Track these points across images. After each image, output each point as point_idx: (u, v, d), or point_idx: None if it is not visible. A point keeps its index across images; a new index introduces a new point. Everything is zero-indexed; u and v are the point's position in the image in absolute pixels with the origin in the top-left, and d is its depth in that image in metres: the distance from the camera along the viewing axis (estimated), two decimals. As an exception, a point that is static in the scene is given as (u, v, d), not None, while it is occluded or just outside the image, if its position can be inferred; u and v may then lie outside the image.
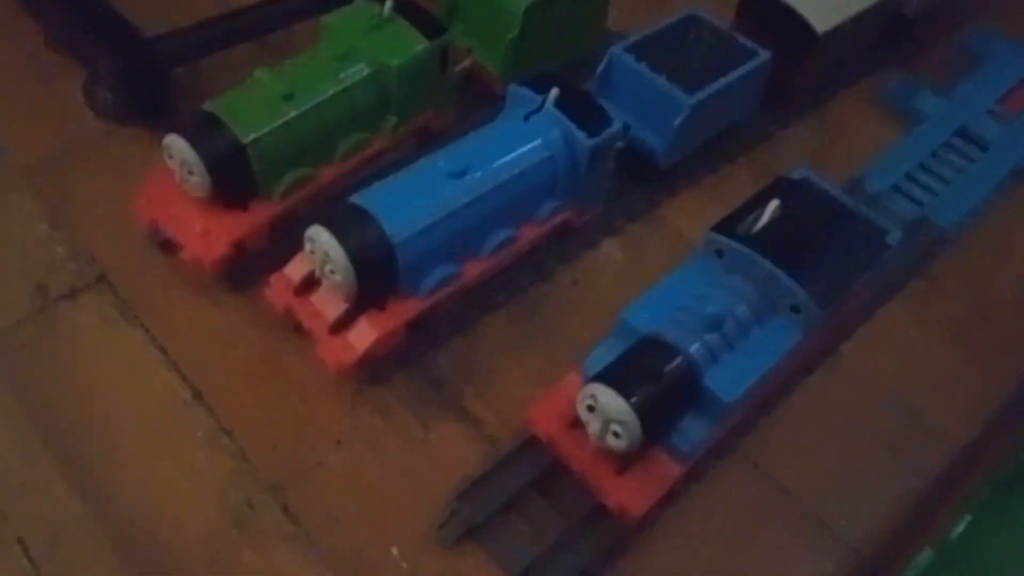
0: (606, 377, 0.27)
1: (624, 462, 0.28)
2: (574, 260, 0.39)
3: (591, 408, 0.27)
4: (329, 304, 0.31)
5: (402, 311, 0.31)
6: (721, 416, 0.28)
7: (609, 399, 0.26)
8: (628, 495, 0.28)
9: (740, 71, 0.38)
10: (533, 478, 0.30)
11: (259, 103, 0.33)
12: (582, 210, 0.37)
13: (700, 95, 0.36)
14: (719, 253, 0.30)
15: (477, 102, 0.42)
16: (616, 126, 0.33)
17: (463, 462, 0.31)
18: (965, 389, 0.36)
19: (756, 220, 0.31)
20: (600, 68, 0.38)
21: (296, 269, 0.32)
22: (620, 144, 0.35)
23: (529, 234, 0.34)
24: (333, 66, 0.35)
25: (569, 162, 0.33)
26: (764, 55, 0.39)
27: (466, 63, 0.42)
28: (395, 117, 0.37)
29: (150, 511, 0.30)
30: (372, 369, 0.33)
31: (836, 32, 0.42)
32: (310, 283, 0.31)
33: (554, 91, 0.33)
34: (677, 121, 0.36)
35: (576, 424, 0.28)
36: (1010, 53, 0.49)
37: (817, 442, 0.34)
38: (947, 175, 0.43)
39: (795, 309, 0.29)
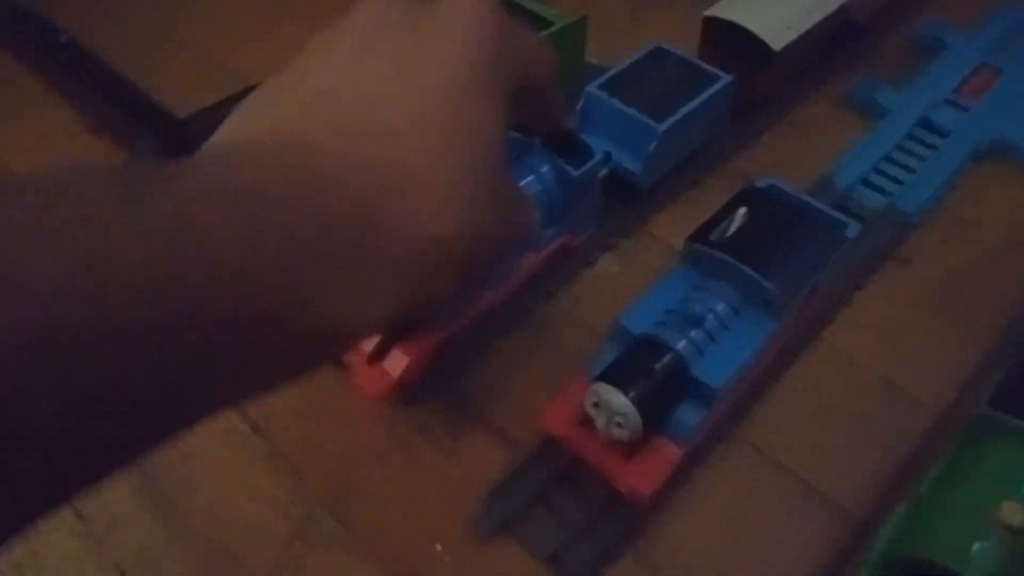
0: (606, 376, 0.31)
1: (631, 450, 0.32)
2: (575, 279, 0.43)
3: (596, 405, 0.31)
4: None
5: (429, 339, 0.35)
6: (711, 402, 0.32)
7: (610, 395, 0.30)
8: (637, 478, 0.31)
9: (704, 96, 0.42)
10: (554, 473, 0.34)
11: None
12: (578, 232, 0.40)
13: (669, 121, 0.41)
14: (697, 259, 0.35)
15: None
16: (598, 156, 0.37)
17: (491, 466, 0.35)
18: (939, 358, 0.39)
19: (727, 227, 0.35)
20: (579, 105, 0.43)
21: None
22: (604, 171, 0.39)
23: (533, 259, 0.38)
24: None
25: (560, 193, 0.37)
26: (726, 79, 0.43)
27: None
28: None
29: (224, 530, 0.34)
30: (405, 393, 0.37)
31: (791, 47, 0.46)
32: None
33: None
34: (651, 147, 0.41)
35: (586, 421, 0.32)
36: (961, 43, 0.53)
37: (807, 420, 0.37)
38: (911, 164, 0.47)
39: (766, 301, 0.33)
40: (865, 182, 0.46)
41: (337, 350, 0.22)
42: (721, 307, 0.33)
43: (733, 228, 0.35)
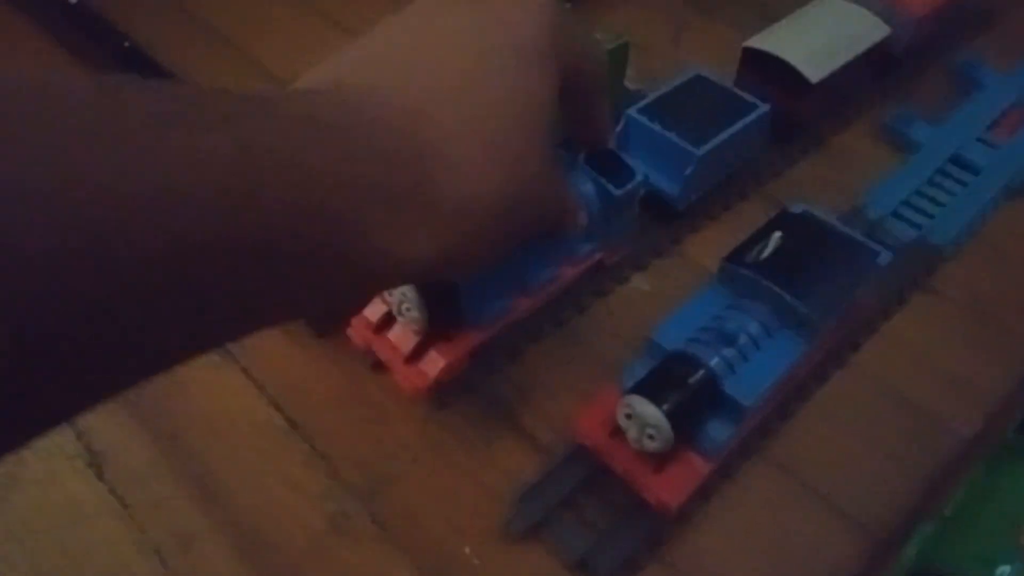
0: (640, 388, 0.32)
1: (660, 462, 0.33)
2: (608, 294, 0.44)
3: (629, 416, 0.32)
4: (404, 339, 0.36)
5: (465, 342, 0.36)
6: (741, 419, 0.33)
7: (643, 407, 0.31)
8: (665, 490, 0.32)
9: (741, 123, 0.43)
10: (583, 480, 0.35)
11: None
12: (614, 250, 0.42)
13: (706, 147, 0.42)
14: (732, 279, 0.36)
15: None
16: (638, 177, 0.38)
17: (522, 470, 0.36)
18: (969, 385, 0.40)
19: (762, 249, 0.36)
20: (619, 128, 0.44)
21: (374, 311, 0.37)
22: (642, 191, 0.40)
23: (569, 272, 0.39)
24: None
25: (601, 210, 0.38)
26: (763, 108, 0.44)
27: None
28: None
29: (263, 521, 0.35)
30: (441, 396, 0.39)
31: (829, 79, 0.47)
32: (386, 322, 0.37)
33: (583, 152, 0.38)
34: (687, 171, 0.42)
35: (616, 432, 0.33)
36: (997, 83, 0.54)
37: (833, 441, 0.38)
38: (942, 198, 0.48)
39: (799, 323, 0.34)
40: (896, 214, 0.47)
41: (381, 282, 0.25)
42: (754, 326, 0.34)
43: (768, 251, 0.36)
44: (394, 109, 0.23)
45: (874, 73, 0.53)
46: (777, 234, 0.36)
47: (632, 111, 0.44)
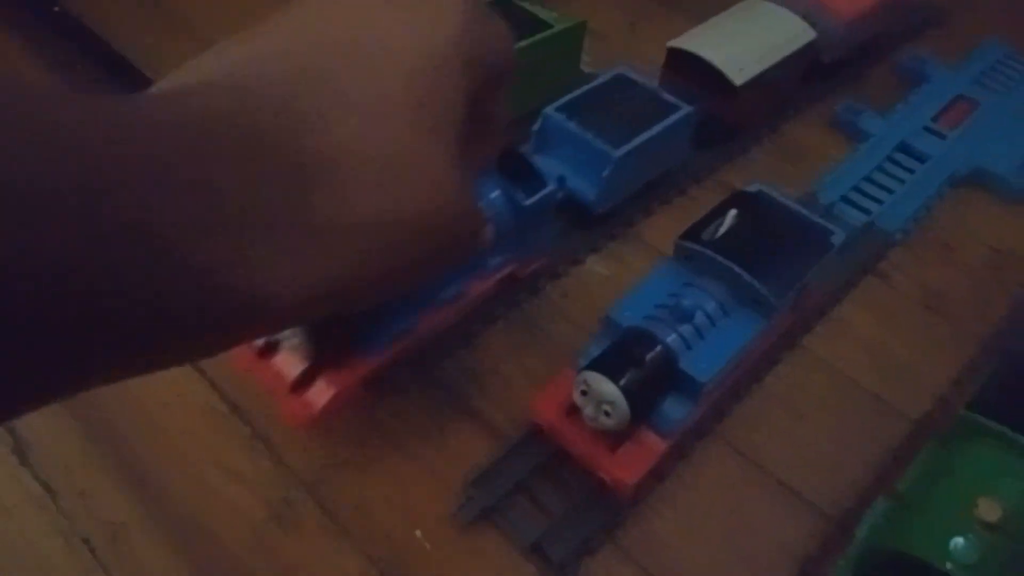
0: (596, 364, 0.31)
1: (616, 441, 0.32)
2: (563, 276, 0.43)
3: (585, 393, 0.31)
4: (288, 365, 0.32)
5: (357, 368, 0.33)
6: (697, 396, 0.32)
7: (599, 382, 0.31)
8: (621, 468, 0.32)
9: (662, 125, 0.42)
10: (537, 464, 0.34)
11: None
12: (528, 261, 0.39)
13: (625, 148, 0.40)
14: (688, 257, 0.35)
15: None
16: (550, 186, 0.35)
17: (474, 454, 0.35)
18: (918, 369, 0.40)
19: (718, 228, 0.35)
20: (535, 127, 0.42)
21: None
22: (559, 196, 0.37)
23: (478, 288, 0.36)
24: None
25: (510, 221, 0.35)
26: (686, 109, 0.43)
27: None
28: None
29: (201, 509, 0.33)
30: (391, 379, 0.37)
31: (754, 82, 0.46)
32: (270, 347, 0.32)
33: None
34: (605, 173, 0.40)
35: (572, 411, 0.33)
36: (942, 76, 0.55)
37: (787, 423, 0.38)
38: (891, 185, 0.48)
39: (756, 302, 0.34)
40: (846, 199, 0.47)
41: (258, 324, 0.20)
42: (711, 304, 0.34)
43: (723, 229, 0.35)
44: (269, 113, 0.19)
45: (804, 75, 0.52)
46: (732, 212, 0.36)
47: (550, 109, 0.42)
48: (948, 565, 0.26)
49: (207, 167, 0.17)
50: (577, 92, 0.43)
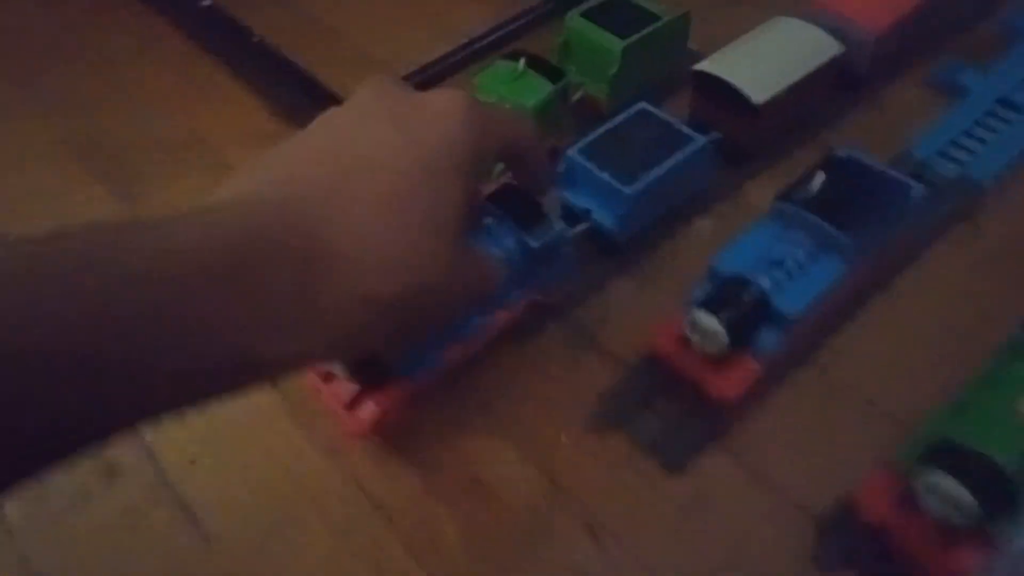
0: (703, 303, 0.39)
1: (720, 364, 0.40)
2: (676, 234, 0.51)
3: (694, 326, 0.39)
4: (342, 390, 0.40)
5: (399, 392, 0.41)
6: (788, 328, 0.39)
7: (706, 319, 0.39)
8: (725, 385, 0.40)
9: (674, 159, 0.45)
10: (656, 384, 0.43)
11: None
12: (551, 292, 0.45)
13: (638, 186, 0.44)
14: (780, 214, 0.42)
15: (591, 122, 0.54)
16: (556, 227, 0.41)
17: (605, 378, 0.44)
18: (1001, 306, 0.45)
19: (808, 188, 0.42)
20: (561, 167, 0.46)
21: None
22: (585, 227, 0.45)
23: (504, 316, 0.43)
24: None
25: (522, 261, 0.40)
26: (700, 140, 0.46)
27: (580, 93, 0.55)
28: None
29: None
30: (530, 324, 0.46)
31: (777, 100, 0.48)
32: (330, 375, 0.41)
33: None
34: (622, 210, 0.45)
35: (685, 341, 0.41)
36: (1046, 29, 0.57)
37: (880, 350, 0.44)
38: (987, 138, 0.52)
39: (838, 249, 0.40)
40: (941, 153, 0.52)
41: (263, 376, 0.26)
42: (799, 253, 0.40)
43: (814, 189, 0.42)
44: (289, 224, 0.25)
45: (836, 87, 0.54)
46: (820, 174, 0.42)
47: (572, 151, 0.46)
48: (997, 454, 0.33)
49: (243, 273, 0.24)
50: (599, 131, 0.46)
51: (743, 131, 0.50)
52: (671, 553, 0.39)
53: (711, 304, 0.39)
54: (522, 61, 0.51)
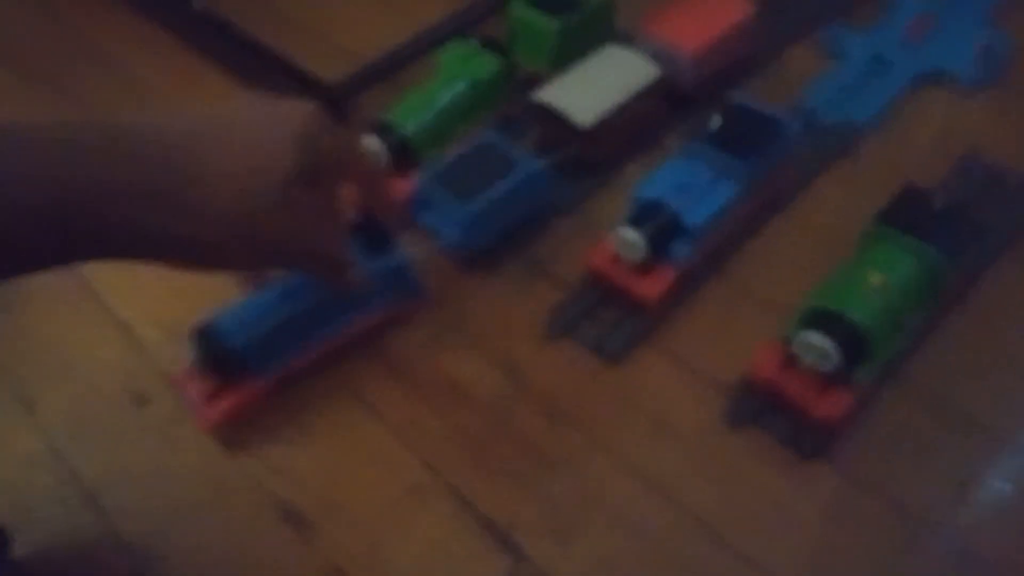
0: (628, 222, 0.48)
1: (644, 271, 0.49)
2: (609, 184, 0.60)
3: (624, 242, 0.49)
4: (202, 385, 0.48)
5: (251, 389, 0.48)
6: (696, 238, 0.49)
7: (629, 233, 0.48)
8: (648, 287, 0.49)
9: (512, 181, 0.51)
10: (596, 298, 0.52)
11: (413, 109, 0.58)
12: (401, 308, 0.52)
13: (475, 208, 0.50)
14: (689, 150, 0.52)
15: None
16: (399, 253, 0.49)
17: (553, 296, 0.53)
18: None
19: (709, 128, 0.52)
20: (415, 191, 0.54)
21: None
22: (432, 248, 0.53)
23: (360, 323, 0.50)
24: (449, 83, 0.58)
25: (374, 277, 0.48)
26: (534, 165, 0.52)
27: (525, 71, 0.64)
28: (486, 111, 0.59)
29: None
30: (485, 260, 0.55)
31: (604, 122, 0.55)
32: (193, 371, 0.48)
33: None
34: (457, 233, 0.51)
35: (615, 258, 0.50)
36: (911, -3, 0.68)
37: (777, 258, 0.53)
38: (864, 89, 0.62)
39: (734, 175, 0.50)
40: (827, 103, 0.62)
41: (164, 250, 0.37)
42: (703, 179, 0.50)
43: (713, 128, 0.51)
44: (179, 150, 0.36)
45: (669, 106, 0.60)
46: (718, 116, 0.52)
47: (424, 176, 0.53)
48: (851, 312, 0.42)
49: (145, 171, 0.35)
50: (448, 159, 0.53)
51: (578, 150, 0.56)
52: (610, 427, 0.48)
53: (634, 222, 0.48)
54: (476, 41, 0.60)
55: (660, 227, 0.48)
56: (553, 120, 0.55)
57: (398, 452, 0.48)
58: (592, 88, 0.56)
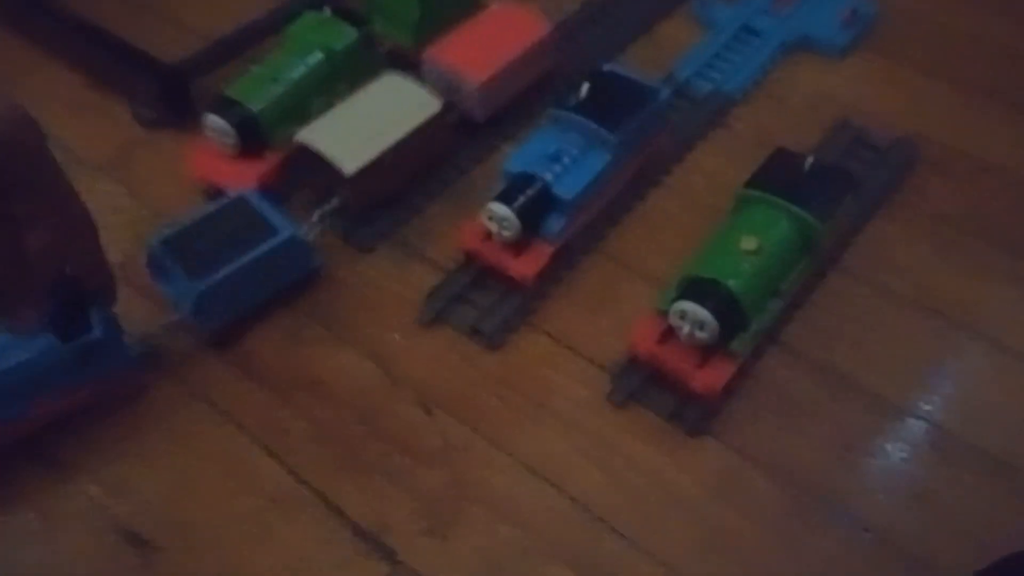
0: (498, 198, 0.46)
1: (517, 250, 0.47)
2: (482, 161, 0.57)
3: (491, 218, 0.46)
4: None
5: None
6: (570, 211, 0.47)
7: (499, 208, 0.45)
8: (523, 266, 0.46)
9: (256, 252, 0.44)
10: (470, 279, 0.49)
11: (259, 84, 0.52)
12: (113, 382, 0.44)
13: (208, 281, 0.43)
14: (557, 120, 0.49)
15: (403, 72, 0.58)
16: (95, 333, 0.39)
17: (427, 280, 0.50)
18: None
19: (577, 97, 0.49)
20: (146, 258, 0.46)
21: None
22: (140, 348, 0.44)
23: (52, 406, 0.42)
24: (300, 55, 0.54)
25: (62, 358, 0.40)
26: (284, 235, 0.45)
27: (387, 44, 0.60)
28: (345, 84, 0.55)
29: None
30: (358, 243, 0.51)
31: (370, 166, 0.48)
32: None
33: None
34: (188, 309, 0.43)
35: (487, 236, 0.47)
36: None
37: (655, 234, 0.52)
38: (734, 59, 0.62)
39: (604, 144, 0.48)
40: (698, 74, 0.61)
41: None
42: (573, 150, 0.48)
43: (581, 97, 0.49)
44: None
45: (457, 134, 0.55)
46: (586, 84, 0.49)
47: (153, 240, 0.45)
48: (727, 280, 0.41)
49: None
50: (191, 220, 0.46)
51: (348, 197, 0.50)
52: (490, 414, 0.45)
53: (504, 196, 0.45)
54: (327, 9, 0.55)
55: (531, 201, 0.46)
56: (318, 163, 0.49)
57: (258, 460, 0.44)
58: (363, 127, 0.50)
